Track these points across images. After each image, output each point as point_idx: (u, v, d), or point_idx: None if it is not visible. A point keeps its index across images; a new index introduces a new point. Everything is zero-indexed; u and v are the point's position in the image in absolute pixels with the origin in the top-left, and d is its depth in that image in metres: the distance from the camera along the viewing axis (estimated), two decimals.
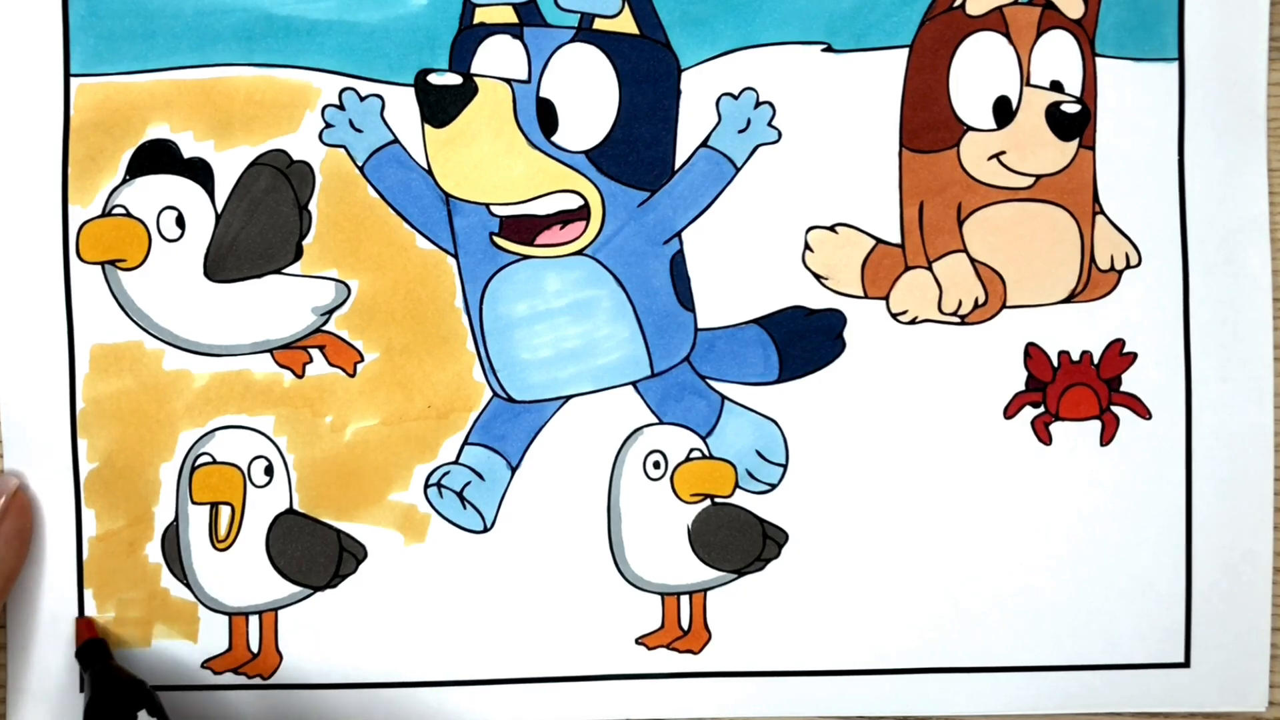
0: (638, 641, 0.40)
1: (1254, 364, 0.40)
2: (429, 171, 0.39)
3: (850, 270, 0.40)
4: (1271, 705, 0.41)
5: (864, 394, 0.40)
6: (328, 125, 0.39)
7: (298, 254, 0.39)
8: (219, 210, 0.39)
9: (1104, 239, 0.40)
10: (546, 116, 0.39)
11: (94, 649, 0.38)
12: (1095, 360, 0.40)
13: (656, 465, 0.40)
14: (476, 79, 0.39)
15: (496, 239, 0.39)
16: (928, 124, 0.40)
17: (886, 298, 0.40)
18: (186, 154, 0.39)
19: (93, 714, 0.36)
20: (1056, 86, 0.40)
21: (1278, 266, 0.40)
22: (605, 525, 0.40)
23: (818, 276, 0.40)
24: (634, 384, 0.40)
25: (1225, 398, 0.40)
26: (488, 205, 0.39)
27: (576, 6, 0.39)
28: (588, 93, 0.39)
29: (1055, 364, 0.40)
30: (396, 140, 0.39)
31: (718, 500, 0.40)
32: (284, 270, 0.39)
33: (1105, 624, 0.40)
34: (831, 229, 0.40)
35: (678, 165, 0.40)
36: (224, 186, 0.39)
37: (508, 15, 0.39)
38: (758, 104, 0.40)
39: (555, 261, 0.40)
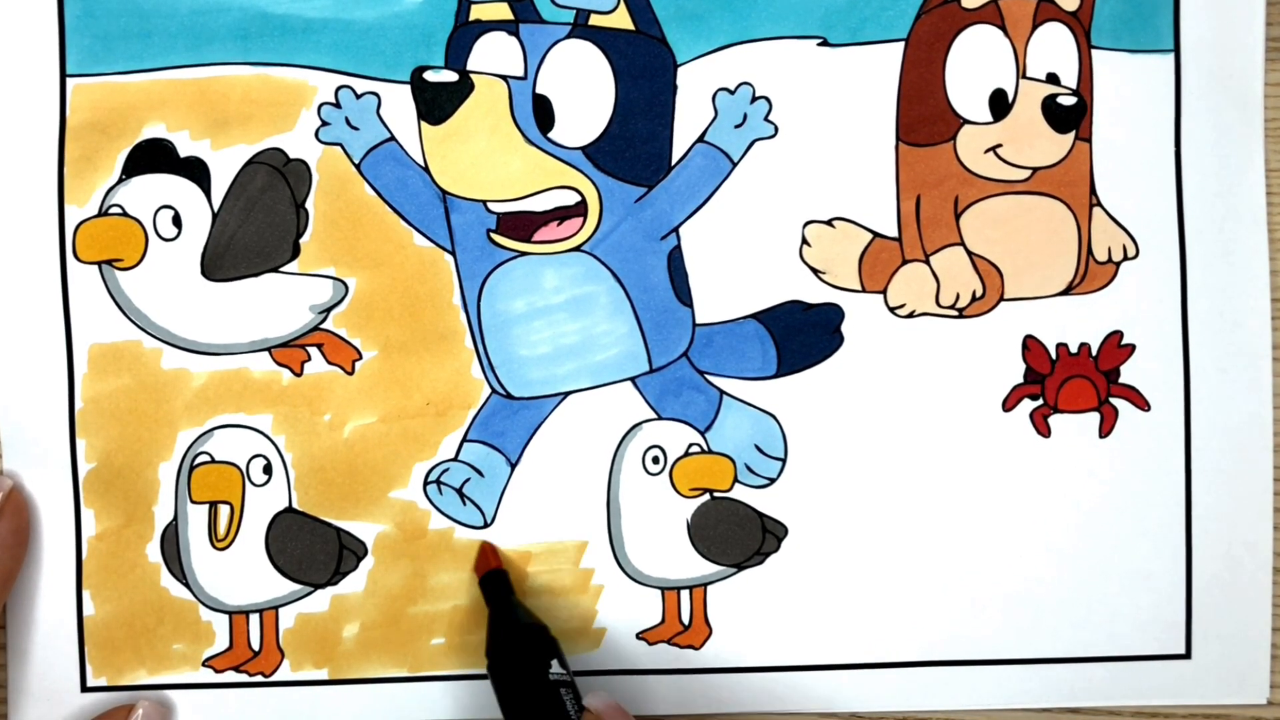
0: (639, 636, 0.40)
1: (1252, 355, 0.40)
2: (426, 169, 0.39)
3: (848, 264, 0.40)
4: (1271, 706, 0.41)
5: (862, 388, 0.40)
6: (324, 123, 0.39)
7: (295, 252, 0.39)
8: (215, 209, 0.39)
9: (1101, 231, 0.40)
10: (543, 113, 0.39)
11: (496, 581, 0.38)
12: (1093, 352, 0.40)
13: (656, 460, 0.40)
14: (472, 76, 0.39)
15: (494, 236, 0.39)
16: (924, 117, 0.40)
17: (884, 291, 0.40)
18: (183, 153, 0.39)
19: (499, 660, 0.34)
20: (1053, 79, 0.40)
21: (1276, 267, 0.40)
22: (605, 520, 0.40)
23: (815, 271, 0.40)
24: (632, 379, 0.40)
25: (1224, 389, 0.40)
26: (485, 202, 0.39)
27: (572, 3, 0.39)
28: (584, 89, 0.39)
29: (1053, 356, 0.40)
30: (393, 138, 0.39)
31: (717, 495, 0.40)
32: (281, 269, 0.39)
33: (1105, 616, 0.40)
34: (829, 223, 0.40)
35: (675, 160, 0.40)
36: (220, 185, 0.39)
37: (503, 12, 0.39)
38: (754, 99, 0.40)
39: (553, 258, 0.40)
